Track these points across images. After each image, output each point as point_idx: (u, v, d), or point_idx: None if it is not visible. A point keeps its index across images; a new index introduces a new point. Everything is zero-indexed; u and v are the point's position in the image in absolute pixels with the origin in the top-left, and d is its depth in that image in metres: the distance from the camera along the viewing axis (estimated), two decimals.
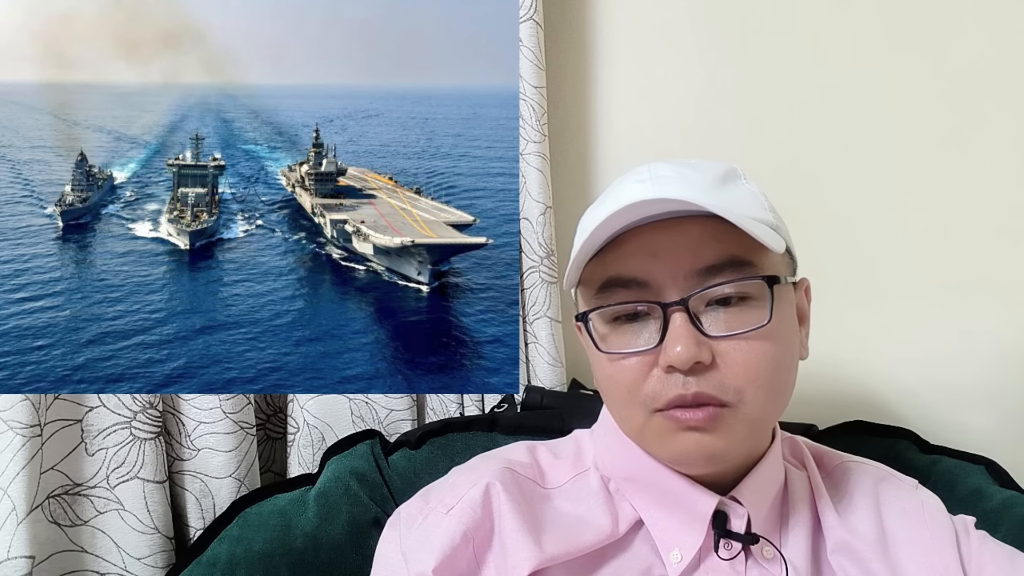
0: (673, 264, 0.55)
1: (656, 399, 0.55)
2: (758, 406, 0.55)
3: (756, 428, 0.57)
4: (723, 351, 0.54)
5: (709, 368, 0.54)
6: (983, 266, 1.03)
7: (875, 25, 1.05)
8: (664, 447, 0.57)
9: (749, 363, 0.54)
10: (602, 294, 0.57)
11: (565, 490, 0.63)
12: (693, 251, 0.55)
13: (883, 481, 0.66)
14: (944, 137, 1.04)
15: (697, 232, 0.55)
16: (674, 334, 0.53)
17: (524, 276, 1.01)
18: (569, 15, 1.10)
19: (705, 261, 0.55)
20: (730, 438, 0.55)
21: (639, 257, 0.56)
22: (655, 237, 0.56)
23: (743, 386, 0.54)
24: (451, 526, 0.58)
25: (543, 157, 0.99)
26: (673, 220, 0.56)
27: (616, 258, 0.57)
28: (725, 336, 0.54)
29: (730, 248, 0.55)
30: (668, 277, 0.55)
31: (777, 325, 0.55)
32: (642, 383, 0.56)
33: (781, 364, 0.56)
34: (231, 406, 0.85)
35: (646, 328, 0.56)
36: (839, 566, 0.60)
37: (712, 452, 0.55)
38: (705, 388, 0.54)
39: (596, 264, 0.58)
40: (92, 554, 0.79)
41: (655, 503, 0.60)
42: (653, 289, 0.55)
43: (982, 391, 1.03)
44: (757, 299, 0.55)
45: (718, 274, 0.55)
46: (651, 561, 0.59)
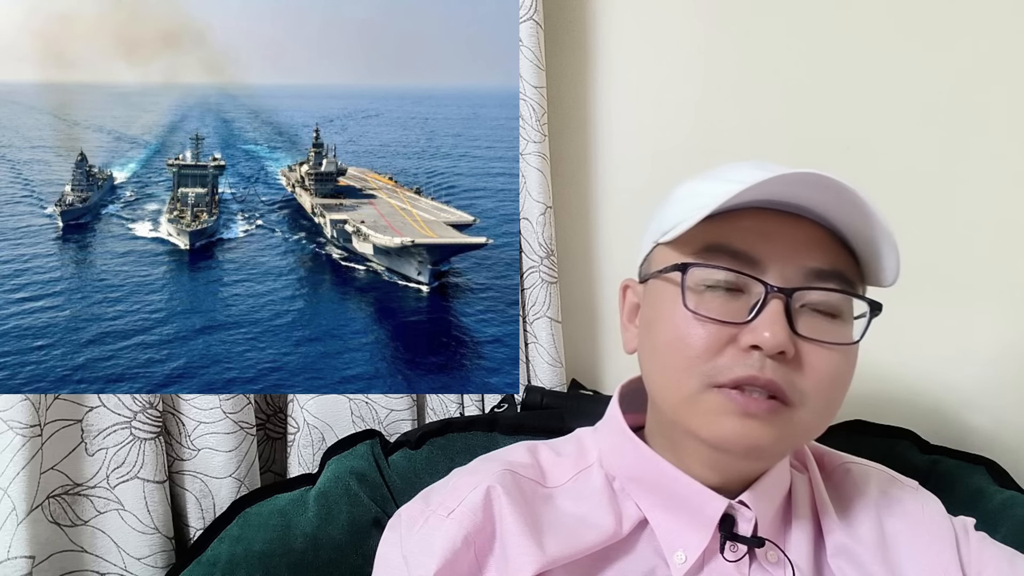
0: (786, 252, 0.55)
1: (723, 373, 0.54)
2: (817, 414, 0.56)
3: (803, 435, 0.57)
4: (804, 353, 0.54)
5: (788, 363, 0.54)
6: (983, 266, 1.03)
7: (876, 26, 1.05)
8: (710, 425, 0.55)
9: (825, 372, 0.55)
10: (705, 255, 0.57)
11: (567, 488, 0.62)
12: (806, 249, 0.56)
13: (884, 483, 0.66)
14: (944, 137, 1.04)
15: (813, 234, 0.56)
16: (769, 317, 0.53)
17: (524, 276, 1.01)
18: (569, 15, 1.10)
19: (815, 263, 0.55)
20: (780, 436, 0.55)
21: (754, 234, 0.56)
22: (772, 223, 0.56)
23: (811, 392, 0.54)
24: (452, 530, 0.58)
25: (543, 157, 0.99)
26: (788, 216, 0.56)
27: (729, 228, 0.56)
28: (812, 340, 0.54)
29: (839, 262, 0.56)
30: (777, 263, 0.55)
31: (856, 349, 0.57)
32: (713, 354, 0.55)
33: (846, 384, 0.57)
34: (231, 406, 0.85)
35: (737, 302, 0.55)
36: (839, 569, 0.59)
37: (758, 444, 0.54)
38: (778, 379, 0.53)
39: (704, 226, 0.56)
40: (92, 554, 0.79)
41: (661, 504, 0.60)
42: (758, 268, 0.55)
43: (982, 391, 1.03)
44: (845, 320, 0.57)
45: (825, 280, 0.55)
46: (654, 563, 0.59)
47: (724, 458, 0.58)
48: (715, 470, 0.59)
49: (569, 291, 1.08)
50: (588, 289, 1.12)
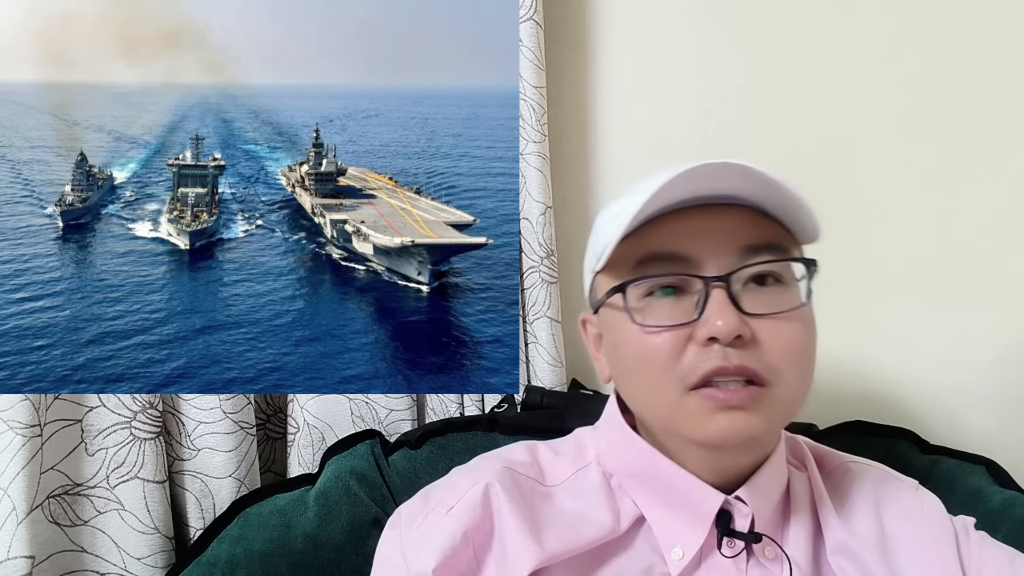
0: (714, 241, 0.56)
1: (692, 372, 0.54)
2: (794, 386, 0.56)
3: (789, 411, 0.57)
4: (760, 330, 0.54)
5: (748, 344, 0.54)
6: (983, 266, 1.03)
7: (876, 25, 1.05)
8: (700, 427, 0.55)
9: (786, 343, 0.55)
10: (639, 269, 0.57)
11: (566, 486, 0.63)
12: (735, 231, 0.56)
13: (883, 482, 0.65)
14: (945, 137, 1.04)
15: (739, 216, 0.57)
16: (715, 307, 0.54)
17: (524, 276, 1.01)
18: (569, 15, 1.10)
19: (745, 240, 0.56)
20: (769, 419, 0.55)
21: (680, 234, 0.57)
22: (697, 218, 0.57)
23: (780, 365, 0.55)
24: (451, 526, 0.58)
25: (543, 157, 0.99)
26: (712, 207, 0.57)
27: (654, 235, 0.57)
28: (763, 315, 0.55)
29: (768, 234, 0.57)
30: (708, 254, 0.56)
31: (809, 308, 0.57)
32: (678, 357, 0.55)
33: (812, 346, 0.58)
34: (231, 406, 0.85)
35: (680, 303, 0.56)
36: (839, 567, 0.60)
37: (751, 434, 0.54)
38: (747, 361, 0.54)
39: (630, 242, 0.57)
40: (92, 554, 0.79)
41: (658, 500, 0.60)
42: (693, 265, 0.56)
43: (982, 391, 1.03)
44: (790, 284, 0.57)
45: (758, 254, 0.56)
46: (652, 559, 0.59)
47: (722, 455, 0.58)
48: (712, 468, 0.59)
49: (569, 291, 1.08)
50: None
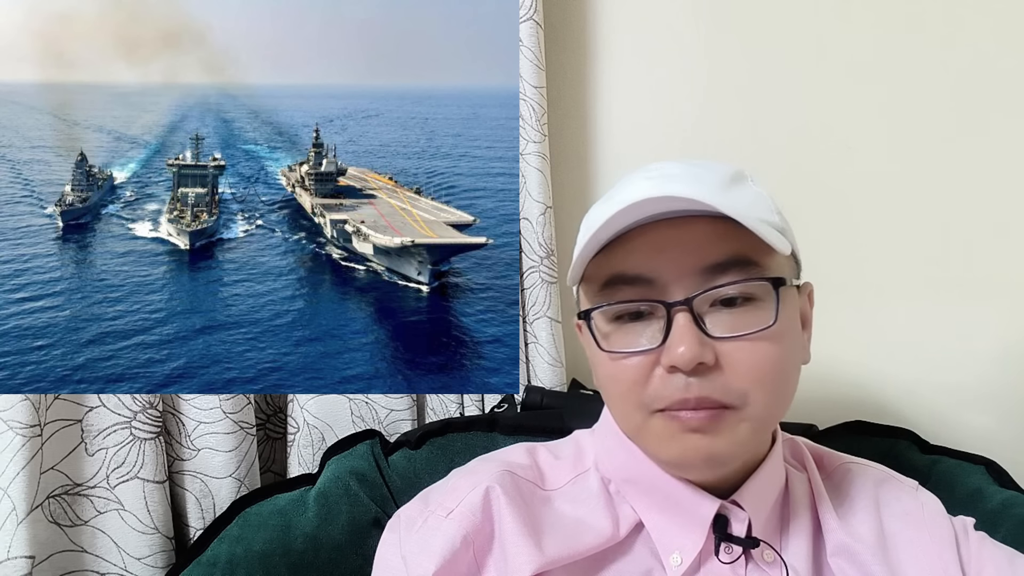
0: (679, 261, 0.54)
1: (657, 400, 0.54)
2: (761, 408, 0.55)
3: (758, 431, 0.57)
4: (727, 352, 0.53)
5: (712, 369, 0.53)
6: (983, 266, 1.03)
7: (876, 25, 1.05)
8: (663, 449, 0.56)
9: (753, 365, 0.54)
10: (605, 291, 0.57)
11: (565, 491, 0.63)
12: (699, 249, 0.54)
13: (883, 483, 0.65)
14: (944, 137, 1.04)
15: (704, 231, 0.55)
16: (677, 334, 0.53)
17: (524, 276, 1.01)
18: (569, 15, 1.10)
19: (711, 259, 0.54)
20: (732, 440, 0.55)
21: (644, 254, 0.55)
22: (661, 234, 0.55)
23: (747, 388, 0.54)
24: (451, 530, 0.58)
25: (543, 157, 0.99)
26: (680, 219, 0.55)
27: (621, 255, 0.56)
28: (729, 337, 0.53)
29: (736, 248, 0.54)
30: (673, 275, 0.54)
31: (782, 327, 0.55)
32: (644, 383, 0.55)
33: (785, 367, 0.56)
34: (231, 406, 0.85)
35: (649, 327, 0.55)
36: (839, 569, 0.59)
37: (712, 454, 0.55)
38: (708, 392, 0.53)
39: (600, 260, 0.57)
40: (92, 554, 0.79)
41: (655, 506, 0.60)
42: (658, 287, 0.55)
43: (982, 391, 1.03)
44: (762, 301, 0.55)
45: (724, 273, 0.54)
46: (651, 565, 0.59)
47: (691, 473, 0.58)
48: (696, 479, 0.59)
49: (569, 291, 1.07)
50: None
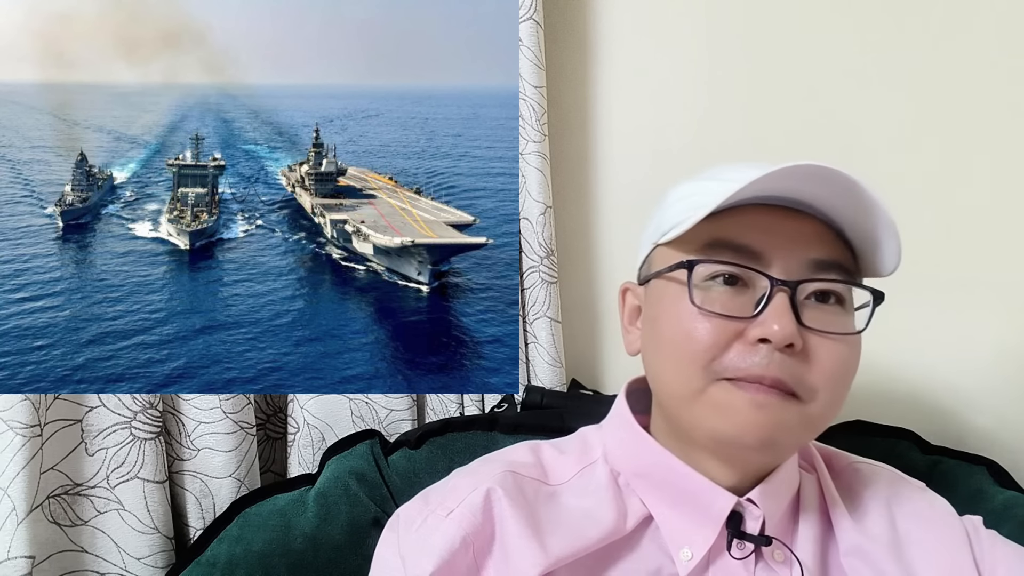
0: (787, 245, 0.56)
1: (731, 369, 0.54)
2: (824, 408, 0.55)
3: (808, 430, 0.57)
4: (812, 346, 0.54)
5: (796, 356, 0.54)
6: (983, 266, 1.03)
7: (876, 25, 1.05)
8: (722, 419, 0.54)
9: (833, 364, 0.55)
10: (708, 250, 0.57)
11: (572, 484, 0.62)
12: (808, 243, 0.56)
13: (893, 483, 0.66)
14: (944, 137, 1.04)
15: (814, 229, 0.57)
16: (775, 310, 0.53)
17: (524, 276, 1.01)
18: (569, 15, 1.10)
19: (817, 255, 0.56)
20: (788, 430, 0.55)
21: (756, 228, 0.56)
22: (771, 218, 0.57)
23: (819, 385, 0.54)
24: (450, 530, 0.57)
25: (543, 157, 0.99)
26: (786, 211, 0.57)
27: (730, 223, 0.57)
28: (819, 331, 0.54)
29: (840, 254, 0.57)
30: (780, 256, 0.55)
31: (860, 340, 0.57)
32: (722, 349, 0.54)
33: (852, 373, 0.57)
34: (231, 406, 0.85)
35: (739, 297, 0.55)
36: (852, 569, 0.59)
37: (769, 436, 0.54)
38: (786, 375, 0.53)
39: (701, 226, 0.56)
40: (92, 554, 0.78)
41: (667, 500, 0.59)
42: (762, 262, 0.55)
43: (982, 391, 1.03)
44: (847, 310, 0.57)
45: (827, 270, 0.56)
46: (660, 560, 0.59)
47: (736, 453, 0.57)
48: (726, 467, 0.58)
49: (569, 291, 1.08)
50: (588, 289, 1.12)
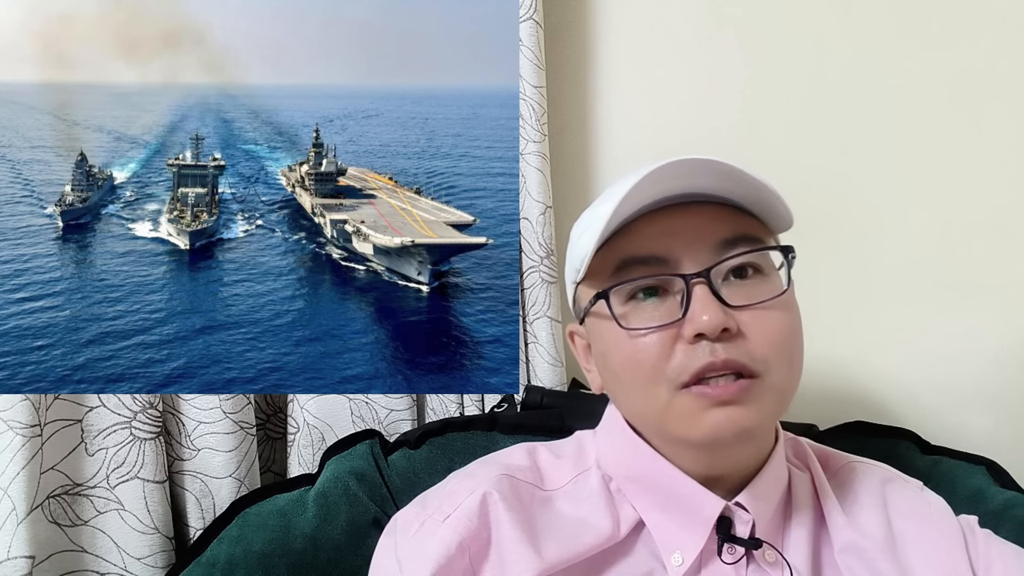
0: (690, 240, 0.57)
1: (683, 372, 0.55)
2: (783, 375, 0.56)
3: (780, 401, 0.57)
4: (745, 322, 0.55)
5: (734, 337, 0.54)
6: (983, 266, 1.03)
7: (876, 25, 1.05)
8: (694, 426, 0.55)
9: (772, 331, 0.55)
10: (619, 273, 0.58)
11: (567, 491, 0.62)
12: (708, 228, 0.57)
13: (889, 482, 0.66)
14: (944, 137, 1.04)
15: (711, 212, 0.58)
16: (699, 304, 0.54)
17: (524, 276, 1.01)
18: (569, 15, 1.10)
19: (720, 235, 0.57)
20: (760, 411, 0.55)
21: (655, 236, 0.57)
22: (669, 219, 0.58)
23: (768, 354, 0.55)
24: (447, 535, 0.57)
25: (543, 157, 0.99)
26: (684, 205, 0.58)
27: (628, 241, 0.58)
28: (746, 306, 0.55)
29: (743, 227, 0.58)
30: (685, 252, 0.56)
31: (790, 296, 0.58)
32: (667, 358, 0.55)
33: (797, 332, 0.58)
34: (231, 406, 0.85)
35: (664, 304, 0.57)
36: (846, 566, 0.59)
37: (744, 427, 0.55)
38: (734, 355, 0.54)
39: (606, 250, 0.58)
40: (92, 554, 0.79)
41: (658, 504, 0.60)
42: (671, 265, 0.56)
43: (982, 391, 1.03)
44: (769, 274, 0.58)
45: (734, 247, 0.56)
46: (652, 565, 0.59)
47: (718, 452, 0.58)
48: (710, 471, 0.59)
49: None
50: None
